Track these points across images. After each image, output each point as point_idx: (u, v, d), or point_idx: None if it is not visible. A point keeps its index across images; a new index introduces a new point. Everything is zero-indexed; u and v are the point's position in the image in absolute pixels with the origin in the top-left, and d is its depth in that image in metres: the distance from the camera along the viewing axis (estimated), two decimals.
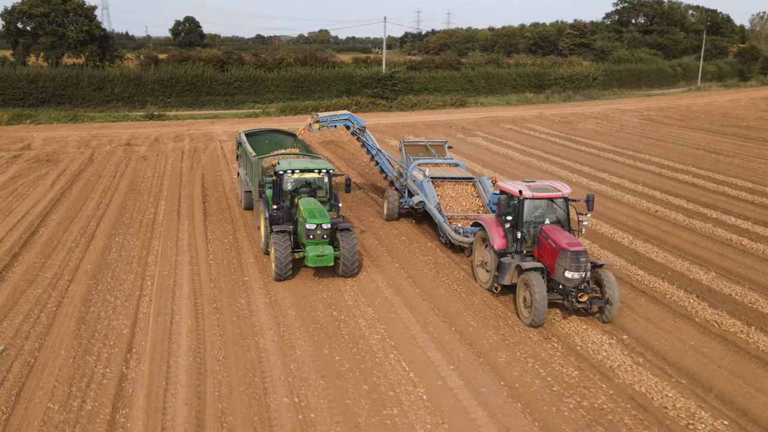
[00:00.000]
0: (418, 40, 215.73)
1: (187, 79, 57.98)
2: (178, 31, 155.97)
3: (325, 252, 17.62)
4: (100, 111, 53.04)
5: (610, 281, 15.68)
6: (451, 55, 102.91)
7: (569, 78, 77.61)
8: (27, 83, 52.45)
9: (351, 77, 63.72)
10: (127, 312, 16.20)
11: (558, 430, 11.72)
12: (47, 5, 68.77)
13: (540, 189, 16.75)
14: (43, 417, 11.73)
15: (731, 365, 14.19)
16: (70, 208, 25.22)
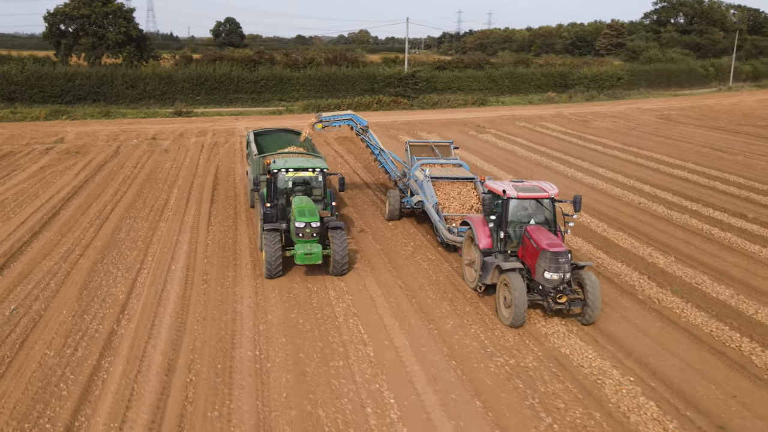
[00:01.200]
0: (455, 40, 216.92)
1: (215, 77, 60.51)
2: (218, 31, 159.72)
3: (313, 250, 17.83)
4: (132, 108, 55.79)
5: (592, 283, 15.48)
6: (479, 55, 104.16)
7: (593, 78, 78.18)
8: (65, 81, 55.50)
9: (374, 76, 65.51)
10: (126, 281, 18.27)
11: (479, 381, 13.35)
12: (88, 8, 72.08)
13: (526, 189, 16.75)
14: (39, 361, 13.80)
15: (657, 334, 15.63)
16: (90, 195, 27.54)
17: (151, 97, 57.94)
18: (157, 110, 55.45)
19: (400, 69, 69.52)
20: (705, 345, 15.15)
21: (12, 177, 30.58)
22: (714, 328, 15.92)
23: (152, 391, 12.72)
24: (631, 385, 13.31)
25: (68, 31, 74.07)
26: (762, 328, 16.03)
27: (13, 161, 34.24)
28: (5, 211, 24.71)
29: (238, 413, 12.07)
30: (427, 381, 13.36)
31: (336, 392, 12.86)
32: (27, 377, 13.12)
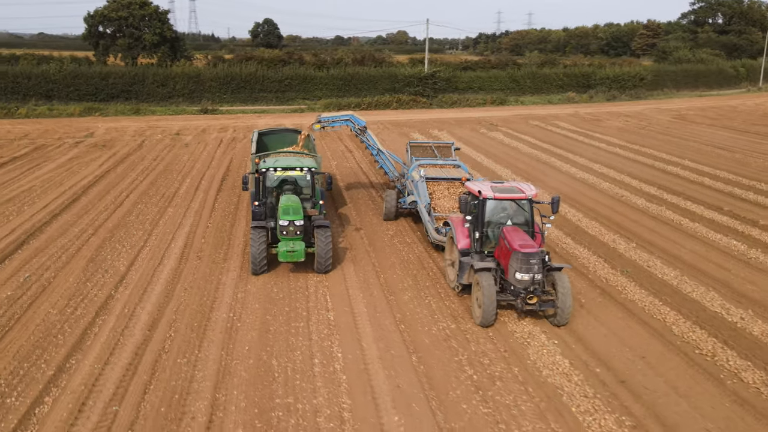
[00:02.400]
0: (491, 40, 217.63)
1: (241, 77, 63.12)
2: (256, 32, 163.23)
3: (296, 248, 18.24)
4: (162, 105, 58.64)
5: (564, 286, 15.52)
6: (506, 55, 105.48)
7: (615, 78, 78.88)
8: (99, 80, 58.63)
9: (395, 76, 67.39)
10: (129, 256, 20.53)
11: (419, 341, 15.21)
12: (126, 10, 75.41)
13: (503, 190, 16.83)
14: (43, 317, 16.07)
15: (594, 307, 17.26)
16: (110, 183, 30.03)
17: (180, 96, 60.74)
18: (185, 108, 58.20)
19: (421, 69, 71.30)
20: (635, 317, 16.73)
21: (42, 167, 33.29)
22: (648, 303, 17.48)
23: (134, 342, 14.86)
24: (553, 347, 15.01)
25: (106, 33, 77.48)
26: (692, 304, 17.53)
27: (44, 153, 37.05)
28: (32, 197, 27.27)
29: (204, 361, 14.14)
30: (373, 340, 15.26)
31: (291, 346, 14.84)
32: (31, 330, 15.38)
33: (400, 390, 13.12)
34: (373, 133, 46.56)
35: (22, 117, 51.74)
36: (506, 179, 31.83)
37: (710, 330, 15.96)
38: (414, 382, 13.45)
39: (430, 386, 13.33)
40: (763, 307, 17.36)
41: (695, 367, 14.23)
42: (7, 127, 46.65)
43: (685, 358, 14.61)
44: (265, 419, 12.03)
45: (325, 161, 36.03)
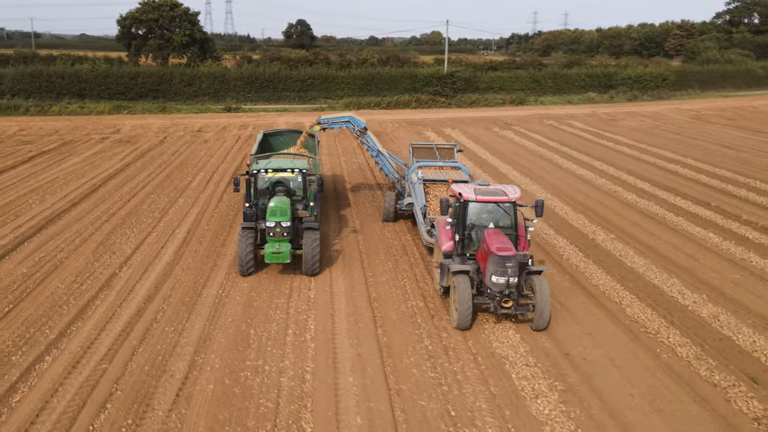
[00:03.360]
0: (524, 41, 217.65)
1: (265, 76, 65.07)
2: (290, 33, 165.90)
3: (281, 249, 18.28)
4: (188, 104, 60.84)
5: (542, 290, 15.40)
6: (532, 56, 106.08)
7: (636, 79, 79.15)
8: (128, 80, 61.05)
9: (415, 76, 68.73)
10: (136, 240, 22.31)
11: (387, 317, 16.63)
12: (156, 12, 78.01)
13: (486, 192, 16.74)
14: (52, 291, 17.86)
15: (558, 289, 18.48)
16: (128, 176, 31.99)
17: (206, 95, 62.91)
18: (210, 106, 60.31)
19: (440, 69, 72.50)
20: (593, 300, 17.94)
21: (67, 160, 35.44)
22: (609, 288, 18.66)
23: (130, 313, 16.55)
24: (508, 323, 16.30)
25: (138, 34, 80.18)
26: (652, 289, 18.66)
27: (71, 148, 39.27)
28: (54, 187, 29.31)
29: (189, 330, 15.75)
30: (345, 315, 16.73)
31: (270, 319, 16.38)
32: (39, 301, 17.18)
33: (360, 357, 14.56)
34: (388, 131, 48.38)
35: (55, 114, 54.28)
36: (501, 178, 33.06)
37: (661, 312, 17.10)
38: (374, 350, 14.88)
39: (388, 354, 14.75)
40: (718, 292, 18.41)
41: (637, 342, 15.43)
42: (39, 124, 49.17)
43: (630, 336, 15.80)
44: (234, 378, 13.58)
45: (335, 159, 37.57)
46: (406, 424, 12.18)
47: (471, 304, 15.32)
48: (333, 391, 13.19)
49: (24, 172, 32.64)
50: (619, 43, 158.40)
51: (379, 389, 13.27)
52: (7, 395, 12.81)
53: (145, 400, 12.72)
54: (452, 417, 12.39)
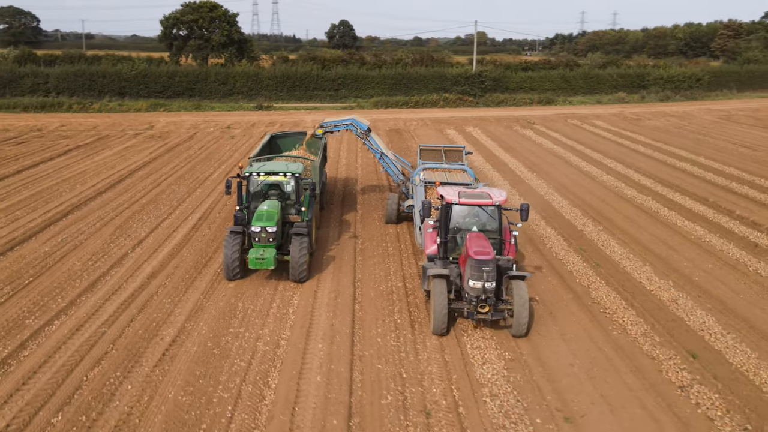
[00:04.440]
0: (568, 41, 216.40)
1: (297, 76, 67.11)
2: (332, 34, 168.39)
3: (265, 255, 17.75)
4: (222, 102, 63.20)
5: (520, 296, 15.04)
6: (567, 56, 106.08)
7: (669, 79, 78.95)
8: (166, 79, 63.77)
9: (443, 76, 69.96)
10: (151, 225, 24.19)
11: (366, 294, 18.09)
12: (196, 13, 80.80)
13: (470, 195, 16.51)
14: (69, 267, 19.79)
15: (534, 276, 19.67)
16: (154, 168, 34.09)
17: (240, 93, 65.21)
18: (242, 104, 62.55)
19: (468, 69, 73.57)
20: (564, 284, 19.10)
21: (100, 154, 37.78)
22: (581, 274, 19.79)
23: (134, 287, 18.35)
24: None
25: (179, 35, 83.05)
26: (623, 275, 19.74)
27: (105, 142, 41.68)
28: (84, 177, 31.54)
29: (185, 302, 17.46)
30: (328, 291, 18.25)
31: (258, 294, 17.99)
32: (56, 276, 19.11)
33: (333, 327, 16.06)
34: (411, 128, 49.82)
35: (96, 111, 57.09)
36: (508, 173, 34.18)
37: (624, 295, 18.21)
38: (347, 322, 16.37)
39: (359, 326, 16.22)
40: (686, 279, 19.40)
41: (593, 321, 16.60)
42: (80, 120, 51.94)
43: (588, 315, 16.97)
44: (216, 341, 15.22)
45: (351, 157, 39.07)
46: (361, 383, 13.62)
47: (446, 309, 15.06)
48: (302, 355, 14.71)
49: (60, 163, 35.00)
50: (664, 44, 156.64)
51: (343, 354, 14.74)
52: (17, 351, 14.65)
53: (135, 358, 14.43)
54: (403, 378, 13.79)
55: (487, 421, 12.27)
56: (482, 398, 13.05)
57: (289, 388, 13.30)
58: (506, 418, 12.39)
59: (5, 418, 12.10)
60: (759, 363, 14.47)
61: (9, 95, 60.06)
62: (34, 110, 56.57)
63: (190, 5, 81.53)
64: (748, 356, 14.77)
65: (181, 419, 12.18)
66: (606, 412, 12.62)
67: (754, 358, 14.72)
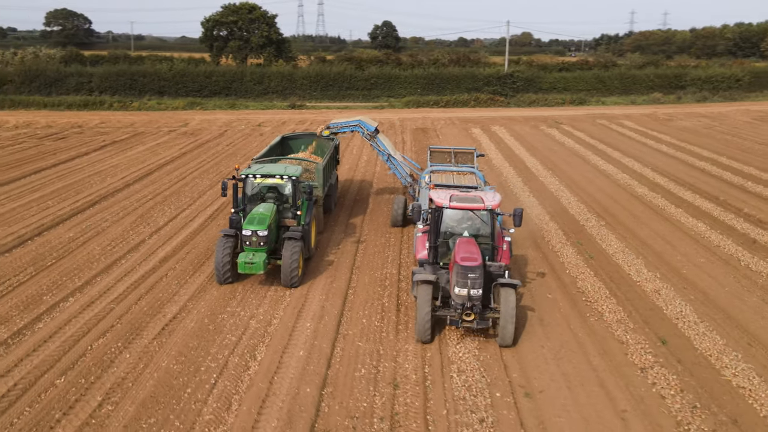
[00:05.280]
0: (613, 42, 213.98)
1: (330, 76, 68.50)
2: (375, 34, 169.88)
3: (255, 259, 17.50)
4: (256, 101, 64.92)
5: (508, 305, 14.48)
6: (607, 56, 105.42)
7: (706, 79, 78.07)
8: (203, 78, 65.81)
9: (475, 76, 70.55)
10: (170, 214, 25.60)
11: (360, 281, 19.09)
12: (236, 15, 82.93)
13: (462, 199, 16.12)
14: (89, 251, 21.26)
15: (526, 266, 20.47)
16: (181, 162, 35.68)
17: (274, 92, 66.92)
18: (276, 103, 64.19)
19: (499, 69, 73.99)
20: (554, 274, 19.80)
21: (133, 149, 39.60)
22: (572, 266, 20.44)
23: (146, 269, 19.69)
24: None
25: (220, 36, 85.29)
26: (613, 267, 20.34)
27: (140, 138, 43.57)
28: (115, 171, 33.26)
29: (190, 284, 18.69)
30: (325, 277, 19.32)
31: (259, 278, 19.10)
32: (76, 259, 20.58)
33: (324, 308, 17.11)
34: (438, 127, 50.69)
35: (135, 110, 59.36)
36: (523, 171, 34.78)
37: (609, 285, 18.85)
38: (338, 305, 17.39)
39: (348, 309, 17.23)
40: (675, 272, 19.92)
41: (573, 308, 17.31)
42: (119, 117, 54.16)
43: (570, 303, 17.68)
44: (212, 318, 16.41)
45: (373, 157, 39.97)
46: (340, 358, 14.64)
47: (429, 316, 14.66)
48: (290, 332, 15.79)
49: (94, 158, 36.86)
50: (713, 44, 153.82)
51: (328, 332, 15.78)
52: (32, 323, 16.06)
53: (136, 332, 15.70)
54: (380, 354, 14.76)
55: (450, 394, 13.15)
56: (450, 374, 13.92)
57: (272, 361, 14.37)
58: (468, 391, 13.24)
59: (14, 379, 13.44)
60: (724, 349, 15.02)
61: (55, 94, 62.71)
62: (77, 108, 59.05)
63: (229, 7, 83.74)
64: (716, 343, 15.34)
65: (170, 384, 13.36)
66: (564, 388, 13.38)
67: (721, 344, 15.27)
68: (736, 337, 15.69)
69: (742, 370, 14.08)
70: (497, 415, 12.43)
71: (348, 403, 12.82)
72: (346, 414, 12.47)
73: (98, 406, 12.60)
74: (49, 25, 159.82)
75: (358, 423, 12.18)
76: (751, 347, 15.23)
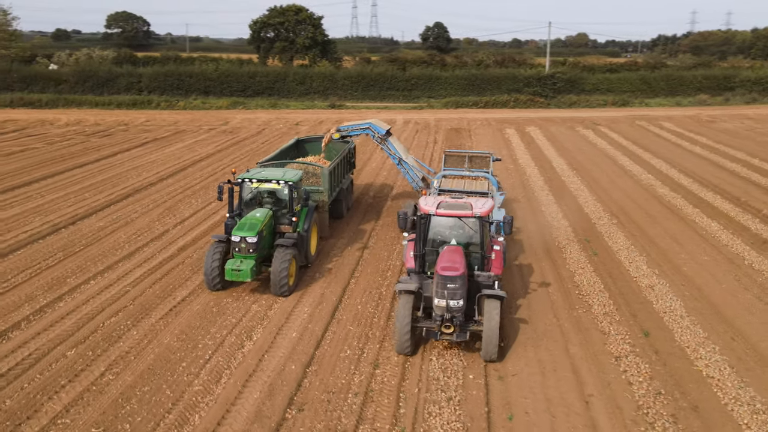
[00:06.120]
0: (670, 42, 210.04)
1: (371, 76, 69.62)
2: (427, 36, 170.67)
3: (242, 267, 17.09)
4: (298, 101, 66.45)
5: (491, 318, 13.96)
6: (657, 57, 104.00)
7: (756, 80, 76.41)
8: (247, 78, 67.65)
9: (515, 77, 70.65)
10: (196, 206, 26.95)
11: (363, 273, 19.97)
12: (282, 16, 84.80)
13: (449, 206, 15.60)
14: (115, 240, 22.67)
15: (530, 260, 21.04)
16: (215, 159, 37.17)
17: (316, 92, 68.34)
18: (317, 103, 65.57)
19: (540, 70, 73.88)
20: (554, 269, 20.32)
21: (172, 146, 41.35)
22: (574, 261, 20.89)
23: (165, 257, 20.96)
24: None
25: (267, 37, 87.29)
26: (614, 264, 20.68)
27: (181, 136, 45.39)
28: (152, 166, 34.93)
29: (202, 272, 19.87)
30: (329, 266, 20.25)
31: None
32: (103, 246, 22.00)
33: (323, 296, 18.05)
34: (473, 128, 51.20)
35: (180, 109, 61.49)
36: (547, 170, 35.12)
37: (606, 280, 19.28)
38: (337, 293, 18.31)
39: (347, 297, 18.13)
40: (675, 269, 20.18)
41: (565, 300, 17.83)
42: (164, 116, 56.28)
43: (562, 295, 18.21)
44: (217, 302, 17.50)
45: None
46: (330, 340, 15.55)
47: (408, 327, 14.11)
48: (287, 315, 16.77)
49: (135, 153, 38.69)
50: None
51: (323, 317, 16.71)
52: (54, 302, 17.43)
53: (146, 312, 16.90)
54: (369, 337, 15.62)
55: (425, 375, 13.91)
56: (429, 357, 14.66)
57: (266, 341, 15.37)
58: (443, 372, 13.98)
59: (29, 349, 14.76)
60: (704, 342, 15.38)
61: (106, 93, 65.37)
62: (126, 107, 61.50)
63: (276, 9, 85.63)
64: (697, 336, 15.69)
65: (168, 358, 14.47)
66: (536, 373, 14.00)
67: (702, 337, 15.62)
68: (720, 331, 15.99)
69: (715, 361, 14.44)
70: (466, 395, 13.14)
71: (328, 380, 13.71)
72: (324, 389, 13.36)
73: (101, 375, 13.77)
74: (110, 28, 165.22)
75: (334, 397, 13.05)
76: (734, 341, 15.53)
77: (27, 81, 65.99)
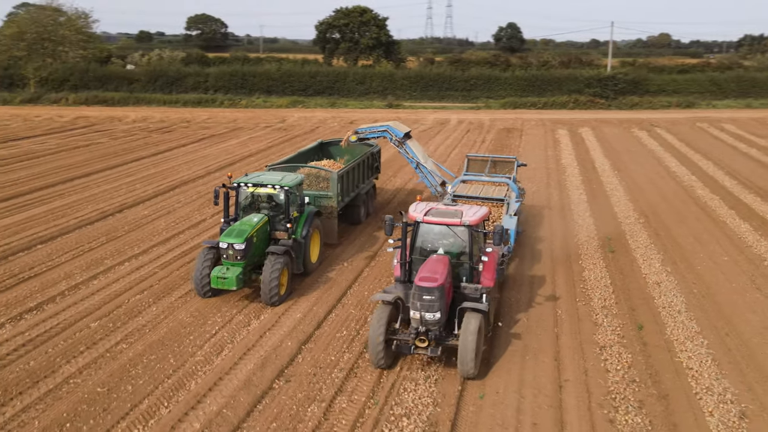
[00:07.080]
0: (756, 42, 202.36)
1: (430, 76, 70.39)
2: (499, 36, 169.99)
3: (227, 275, 16.57)
4: (357, 100, 67.81)
5: (468, 331, 13.18)
6: (733, 57, 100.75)
7: None
8: (308, 78, 69.50)
9: (576, 78, 70.00)
10: None
11: (374, 268, 20.88)
12: (347, 18, 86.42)
13: (438, 213, 15.04)
14: (155, 227, 24.27)
15: (543, 250, 21.48)
16: (265, 154, 38.72)
17: (375, 92, 69.57)
18: (375, 103, 66.73)
19: (601, 70, 72.89)
20: (567, 261, 20.73)
21: (227, 142, 43.26)
22: (588, 258, 21.19)
23: (196, 243, 22.36)
24: None
25: (332, 38, 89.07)
26: (630, 262, 20.84)
27: (236, 133, 47.32)
28: (204, 161, 36.76)
29: None
30: (341, 261, 21.23)
31: None
32: (143, 232, 23.63)
33: (324, 287, 18.97)
34: (525, 128, 51.29)
35: (242, 107, 63.73)
36: (588, 170, 35.13)
37: (614, 276, 19.57)
38: (344, 282, 19.26)
39: (352, 285, 19.06)
40: (689, 268, 20.25)
41: (568, 292, 18.32)
42: (225, 114, 58.57)
43: (566, 287, 18.68)
44: None
45: None
46: (330, 321, 16.55)
47: (381, 339, 13.47)
48: (296, 298, 17.84)
49: (190, 149, 40.70)
50: None
51: (329, 301, 17.72)
52: (88, 280, 19.02)
53: (168, 291, 18.26)
54: (367, 321, 16.43)
55: (412, 356, 14.64)
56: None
57: (271, 320, 16.46)
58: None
59: (59, 319, 16.32)
60: (694, 336, 15.60)
61: (174, 92, 68.29)
62: (192, 105, 64.14)
63: (342, 11, 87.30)
64: (689, 330, 15.91)
65: (178, 332, 15.74)
66: (518, 357, 14.59)
67: (694, 332, 15.83)
68: (715, 327, 16.15)
69: (698, 354, 14.68)
70: (443, 373, 13.87)
71: (319, 357, 14.67)
72: (313, 364, 14.33)
73: (116, 344, 15.14)
74: (190, 30, 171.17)
75: (320, 371, 14.00)
76: (727, 336, 15.69)
77: (102, 80, 69.55)
